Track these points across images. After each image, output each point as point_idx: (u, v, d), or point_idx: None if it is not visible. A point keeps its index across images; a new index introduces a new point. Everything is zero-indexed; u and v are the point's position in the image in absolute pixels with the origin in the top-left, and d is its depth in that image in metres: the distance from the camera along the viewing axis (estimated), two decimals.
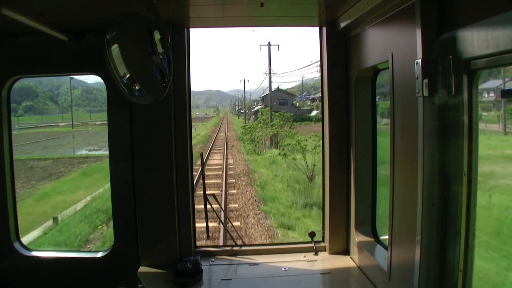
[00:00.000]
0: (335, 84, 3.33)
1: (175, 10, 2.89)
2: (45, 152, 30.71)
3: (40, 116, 71.95)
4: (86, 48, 3.07)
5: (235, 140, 39.67)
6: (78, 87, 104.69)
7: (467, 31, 1.78)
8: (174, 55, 2.87)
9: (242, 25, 3.59)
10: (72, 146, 36.90)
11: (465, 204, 1.87)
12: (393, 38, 2.47)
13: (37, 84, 76.66)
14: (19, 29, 2.90)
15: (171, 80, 2.60)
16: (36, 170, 22.94)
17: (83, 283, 3.37)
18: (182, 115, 3.28)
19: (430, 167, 2.00)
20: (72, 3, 2.64)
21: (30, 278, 3.39)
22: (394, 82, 2.40)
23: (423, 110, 1.99)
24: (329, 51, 3.32)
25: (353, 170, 3.22)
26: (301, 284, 2.97)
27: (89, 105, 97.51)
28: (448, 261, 1.97)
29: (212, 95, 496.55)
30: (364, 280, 2.94)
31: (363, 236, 3.17)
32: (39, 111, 77.98)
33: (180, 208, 3.29)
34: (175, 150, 3.24)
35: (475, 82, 1.84)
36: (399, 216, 2.45)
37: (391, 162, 2.48)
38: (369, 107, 3.18)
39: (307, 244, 3.54)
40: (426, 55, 1.96)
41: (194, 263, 3.07)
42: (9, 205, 3.33)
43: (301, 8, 3.02)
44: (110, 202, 3.41)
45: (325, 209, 3.49)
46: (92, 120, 66.76)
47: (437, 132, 1.98)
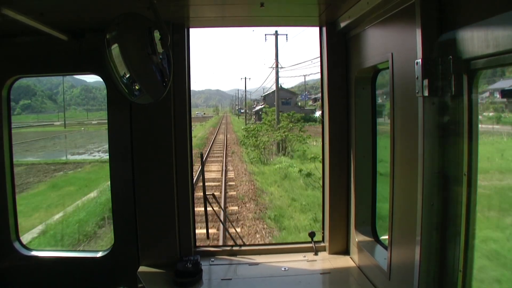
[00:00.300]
0: (335, 84, 3.33)
1: (175, 10, 2.89)
2: (24, 155, 26.40)
3: (36, 115, 71.07)
4: (86, 48, 3.07)
5: (236, 145, 34.67)
6: (77, 86, 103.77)
7: (467, 31, 1.78)
8: (174, 55, 2.87)
9: (242, 25, 3.59)
10: (56, 149, 32.80)
11: (465, 204, 1.87)
12: (393, 38, 2.47)
13: (36, 82, 76.00)
14: (19, 29, 2.90)
15: (171, 80, 2.60)
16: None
17: (83, 283, 3.37)
18: (182, 115, 3.27)
19: (430, 167, 2.00)
20: (72, 3, 2.64)
21: (30, 278, 3.38)
22: (394, 82, 2.40)
23: (423, 110, 1.99)
24: (329, 51, 3.32)
25: (353, 170, 3.22)
26: (301, 284, 2.97)
27: (87, 104, 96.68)
28: (448, 261, 1.97)
29: (211, 95, 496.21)
30: (364, 280, 2.94)
31: (363, 236, 3.18)
32: (37, 109, 77.08)
33: (180, 208, 3.29)
34: (175, 150, 3.24)
35: (475, 82, 1.85)
36: (399, 216, 2.45)
37: (391, 162, 2.48)
38: (369, 107, 3.18)
39: (307, 244, 3.54)
40: (426, 55, 1.96)
41: (194, 263, 3.07)
42: (9, 204, 3.33)
43: (301, 8, 3.02)
44: (110, 204, 3.41)
45: (325, 209, 3.49)
46: (88, 119, 66.05)
47: (437, 132, 1.98)
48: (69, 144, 35.94)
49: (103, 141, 30.47)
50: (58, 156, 28.35)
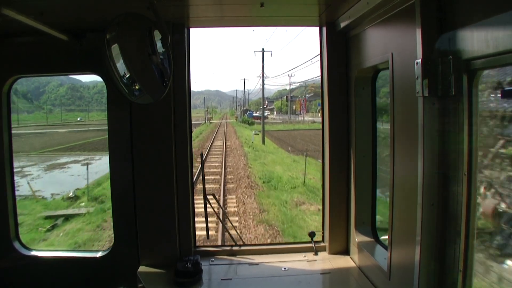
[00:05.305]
0: (335, 84, 3.33)
1: (175, 10, 2.89)
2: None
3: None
4: (86, 48, 3.07)
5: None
6: (64, 85, 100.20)
7: (467, 31, 1.78)
8: (174, 55, 2.87)
9: (242, 25, 3.59)
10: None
11: (465, 204, 1.88)
12: (393, 38, 2.47)
13: (23, 81, 74.37)
14: (19, 28, 2.90)
15: (171, 80, 2.60)
16: None
17: (83, 283, 3.37)
18: (182, 115, 3.28)
19: (430, 167, 2.00)
20: (72, 3, 2.64)
21: (29, 277, 3.38)
22: (394, 82, 2.40)
23: (423, 110, 1.99)
24: (329, 51, 3.33)
25: (353, 170, 3.22)
26: (301, 284, 2.97)
27: (73, 104, 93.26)
28: (448, 261, 1.97)
29: (211, 95, 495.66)
30: (364, 280, 2.94)
31: (363, 236, 3.18)
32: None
33: (180, 208, 3.29)
34: (175, 150, 3.24)
35: (475, 82, 1.85)
36: (399, 216, 2.45)
37: (391, 162, 2.49)
38: (369, 107, 3.18)
39: (307, 244, 3.54)
40: (426, 55, 1.96)
41: (194, 263, 3.07)
42: (9, 204, 3.33)
43: (301, 8, 3.02)
44: (110, 202, 3.41)
45: (325, 209, 3.49)
46: (65, 121, 63.35)
47: (437, 132, 1.99)
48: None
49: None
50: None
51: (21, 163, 26.05)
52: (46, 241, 12.07)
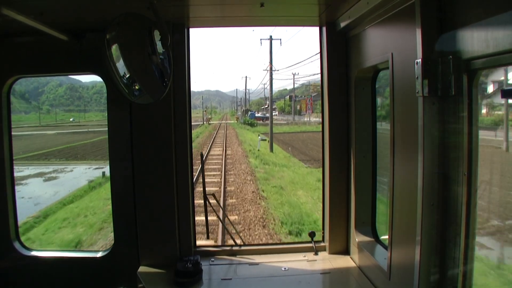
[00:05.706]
0: (335, 84, 3.33)
1: (175, 10, 2.89)
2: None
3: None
4: (86, 48, 3.07)
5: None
6: (63, 85, 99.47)
7: (467, 31, 1.78)
8: (174, 55, 2.87)
9: (242, 25, 3.59)
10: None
11: (465, 204, 1.87)
12: (393, 38, 2.47)
13: (22, 81, 74.37)
14: (19, 28, 2.90)
15: (171, 80, 2.60)
16: None
17: (83, 283, 3.37)
18: (182, 115, 3.28)
19: (430, 167, 2.00)
20: (72, 3, 2.64)
21: (29, 277, 3.38)
22: (394, 82, 2.40)
23: (423, 110, 1.99)
24: (329, 51, 3.33)
25: (353, 170, 3.22)
26: (301, 284, 2.97)
27: (72, 104, 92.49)
28: (448, 261, 1.97)
29: (211, 95, 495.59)
30: (364, 280, 2.94)
31: (363, 236, 3.18)
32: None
33: (180, 208, 3.29)
34: (175, 150, 3.24)
35: (475, 82, 1.85)
36: (399, 216, 2.45)
37: (391, 162, 2.49)
38: (369, 107, 3.18)
39: (307, 244, 3.54)
40: (426, 55, 1.96)
41: (194, 263, 3.07)
42: (9, 204, 3.33)
43: (301, 8, 3.02)
44: (110, 203, 3.41)
45: (325, 209, 3.49)
46: (60, 122, 62.54)
47: (437, 132, 1.99)
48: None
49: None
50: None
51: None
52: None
